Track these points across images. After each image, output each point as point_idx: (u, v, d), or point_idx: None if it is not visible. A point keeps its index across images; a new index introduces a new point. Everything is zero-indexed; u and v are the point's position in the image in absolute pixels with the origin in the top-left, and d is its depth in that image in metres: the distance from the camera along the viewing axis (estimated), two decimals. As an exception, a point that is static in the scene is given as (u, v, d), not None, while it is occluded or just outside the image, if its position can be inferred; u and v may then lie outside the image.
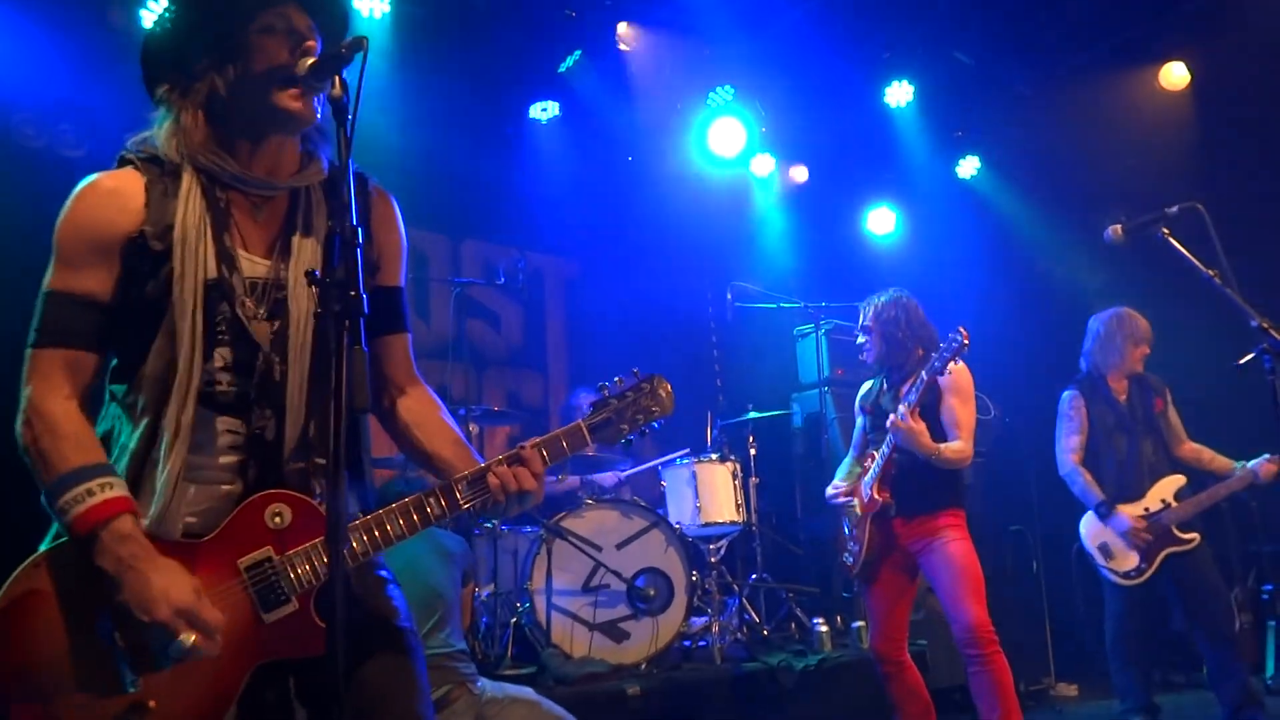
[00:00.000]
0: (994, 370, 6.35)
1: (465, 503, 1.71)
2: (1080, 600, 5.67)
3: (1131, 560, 4.17)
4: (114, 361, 1.69)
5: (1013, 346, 6.44)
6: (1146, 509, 4.19)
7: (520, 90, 6.14)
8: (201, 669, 1.57)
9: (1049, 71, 6.37)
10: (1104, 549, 4.25)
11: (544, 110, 6.18)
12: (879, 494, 3.53)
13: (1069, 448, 4.38)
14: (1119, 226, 3.15)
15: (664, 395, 1.87)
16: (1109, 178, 6.36)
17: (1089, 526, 4.32)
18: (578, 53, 5.88)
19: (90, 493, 1.53)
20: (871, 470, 3.56)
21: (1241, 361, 4.31)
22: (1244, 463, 4.14)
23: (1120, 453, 4.29)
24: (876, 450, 3.56)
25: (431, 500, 1.71)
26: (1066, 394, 4.46)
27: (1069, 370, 4.67)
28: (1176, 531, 4.14)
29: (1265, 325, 2.78)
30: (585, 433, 1.82)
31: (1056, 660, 5.50)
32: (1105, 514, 4.20)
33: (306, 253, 1.72)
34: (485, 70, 5.85)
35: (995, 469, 5.70)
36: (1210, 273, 2.90)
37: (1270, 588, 5.40)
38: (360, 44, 1.51)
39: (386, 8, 5.08)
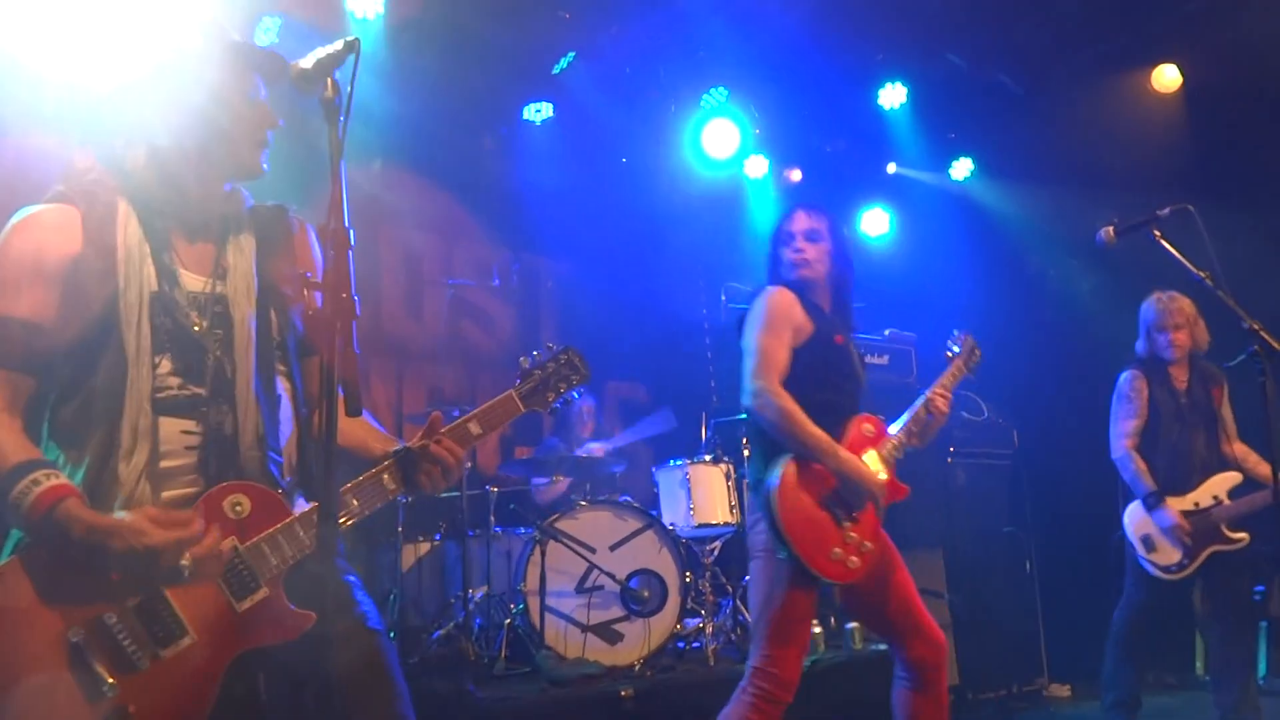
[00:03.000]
0: (987, 371, 6.35)
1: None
2: (1072, 601, 5.69)
3: (1175, 555, 4.02)
4: (52, 396, 1.72)
5: (1005, 348, 6.43)
6: (1196, 504, 4.05)
7: (513, 91, 6.14)
8: (179, 666, 1.59)
9: (1042, 74, 6.39)
10: (1147, 540, 4.09)
11: (538, 111, 6.18)
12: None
13: (1125, 431, 4.19)
14: (1111, 228, 3.16)
15: (579, 364, 2.10)
16: (1101, 179, 6.37)
17: (1134, 516, 4.15)
18: (571, 54, 5.88)
19: (36, 482, 1.57)
20: None
21: (1232, 364, 4.33)
22: None
23: (1173, 443, 4.13)
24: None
25: (386, 476, 1.81)
26: (1126, 374, 4.26)
27: (1061, 372, 4.67)
28: (1226, 530, 4.01)
29: (1256, 327, 2.80)
30: (518, 400, 2.01)
31: (1049, 661, 5.52)
32: (1153, 505, 4.03)
33: (241, 268, 1.83)
34: (478, 71, 5.85)
35: (988, 470, 5.71)
36: (1202, 274, 2.92)
37: (1262, 589, 5.41)
38: (353, 46, 1.52)
39: (380, 8, 5.07)
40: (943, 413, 2.98)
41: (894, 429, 2.94)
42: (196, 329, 1.74)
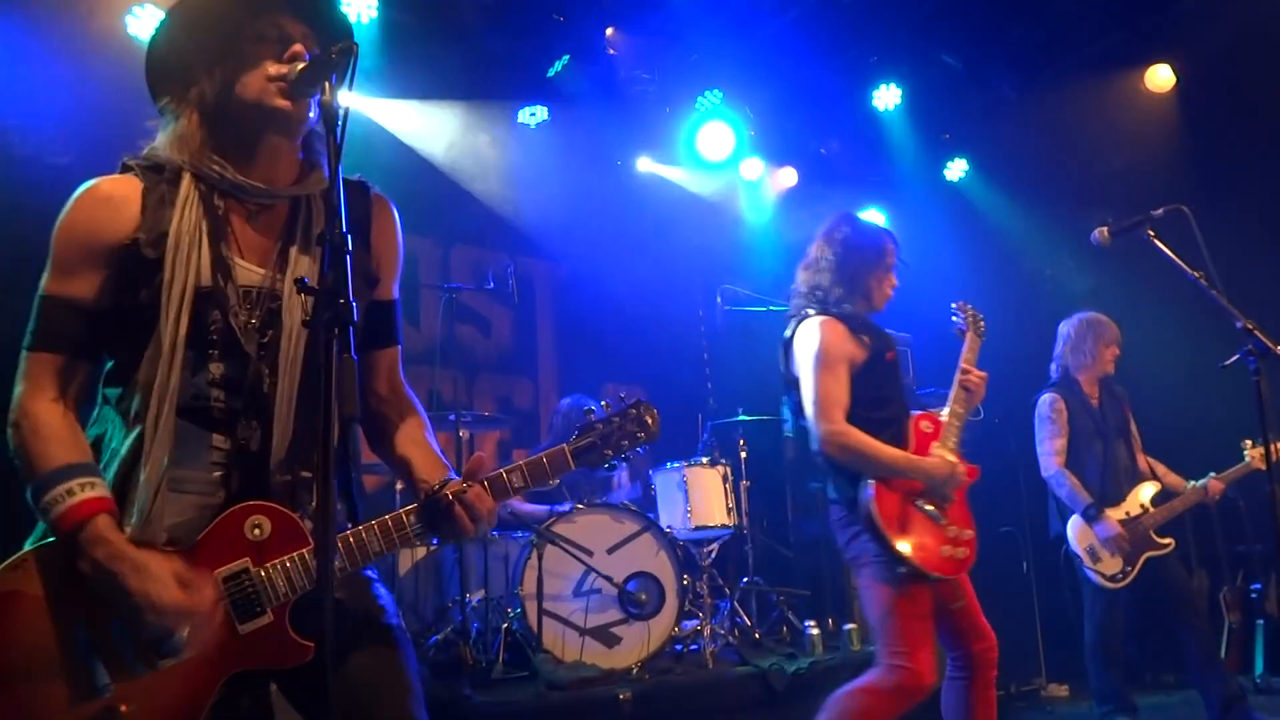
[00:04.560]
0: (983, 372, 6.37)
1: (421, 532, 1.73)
2: (1069, 601, 5.70)
3: (1116, 564, 4.24)
4: (109, 365, 1.70)
5: (1000, 348, 6.43)
6: (1127, 513, 4.28)
7: (509, 94, 6.14)
8: (175, 676, 1.58)
9: (1036, 74, 6.41)
10: (1091, 552, 4.29)
11: (533, 115, 6.18)
12: None
13: (1052, 450, 4.41)
14: (1105, 229, 3.17)
15: (650, 422, 1.88)
16: (1096, 180, 6.40)
17: (1076, 529, 4.35)
18: (566, 57, 5.88)
19: (70, 492, 1.55)
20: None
21: (1226, 363, 4.38)
22: (1193, 481, 4.33)
23: (1099, 457, 4.36)
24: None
25: (412, 518, 1.72)
26: (1045, 397, 4.51)
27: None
28: (1154, 536, 4.24)
29: (1250, 326, 2.81)
30: (570, 457, 1.84)
31: (1047, 661, 5.52)
32: (1093, 517, 4.25)
33: (304, 263, 1.73)
34: (474, 74, 5.85)
35: (983, 470, 5.71)
36: (1195, 274, 2.93)
37: (1259, 587, 5.44)
38: (350, 49, 1.51)
39: (374, 12, 5.07)
40: (978, 385, 3.12)
41: (944, 415, 3.06)
42: (244, 331, 1.67)
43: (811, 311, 3.01)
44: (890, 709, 2.79)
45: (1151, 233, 3.03)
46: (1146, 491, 4.33)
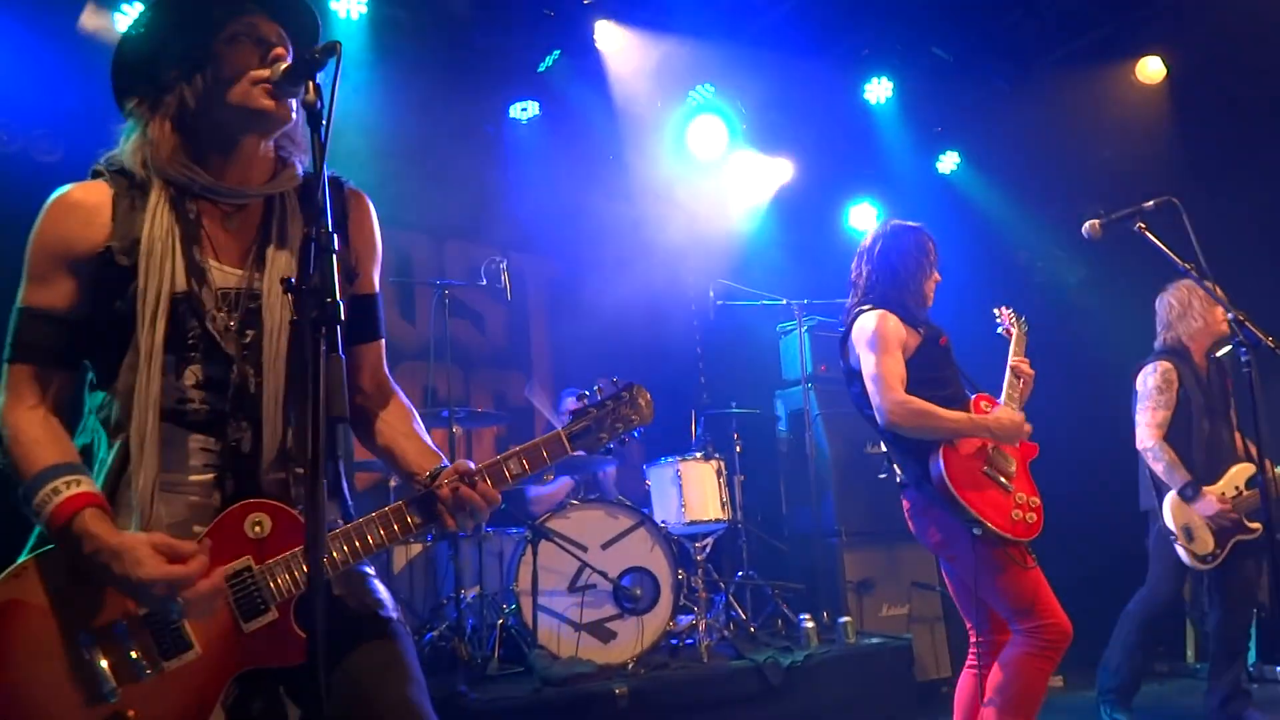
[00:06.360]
0: (974, 365, 6.38)
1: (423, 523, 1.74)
2: (1069, 598, 5.71)
3: (1210, 546, 4.04)
4: (90, 375, 1.70)
5: (992, 341, 6.46)
6: (1222, 494, 4.07)
7: (500, 90, 6.13)
8: (181, 678, 1.58)
9: (1028, 66, 6.41)
10: (1187, 531, 4.08)
11: (524, 110, 6.17)
12: None
13: (1155, 421, 4.17)
14: (1096, 221, 3.16)
15: (643, 404, 1.91)
16: (1087, 172, 6.40)
17: (1174, 507, 4.13)
18: (557, 52, 5.87)
19: (56, 491, 1.56)
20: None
21: (1218, 354, 4.38)
22: None
23: (1205, 434, 4.15)
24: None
25: (412, 509, 1.73)
26: (1158, 364, 4.23)
27: (1048, 364, 4.67)
28: (1245, 520, 4.04)
29: (1241, 318, 2.81)
30: (565, 441, 1.86)
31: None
32: (1191, 496, 4.03)
33: (281, 261, 1.72)
34: (464, 70, 5.83)
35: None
36: (1186, 266, 2.94)
37: (1251, 576, 5.45)
38: (333, 48, 1.50)
39: (364, 8, 5.05)
40: (1030, 375, 3.37)
41: (1003, 399, 3.25)
42: (224, 333, 1.66)
43: (866, 307, 3.22)
44: (1046, 668, 2.98)
45: (1142, 225, 3.02)
46: (1242, 473, 4.11)
